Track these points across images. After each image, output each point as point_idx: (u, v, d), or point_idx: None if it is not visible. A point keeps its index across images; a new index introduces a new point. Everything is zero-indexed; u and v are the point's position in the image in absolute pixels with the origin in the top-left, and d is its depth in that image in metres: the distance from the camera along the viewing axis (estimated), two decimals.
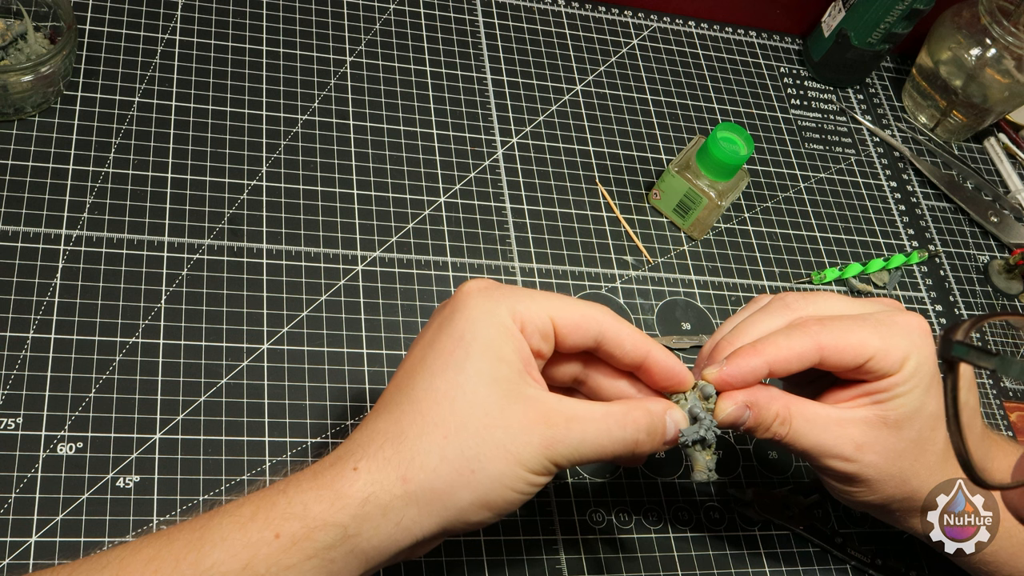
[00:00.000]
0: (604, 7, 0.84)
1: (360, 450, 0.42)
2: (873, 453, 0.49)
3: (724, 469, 0.62)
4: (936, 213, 0.83)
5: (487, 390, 0.42)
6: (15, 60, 0.62)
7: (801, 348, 0.47)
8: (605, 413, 0.44)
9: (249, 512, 0.40)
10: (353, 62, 0.73)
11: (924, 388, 0.49)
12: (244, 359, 0.58)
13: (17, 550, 0.49)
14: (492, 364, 0.42)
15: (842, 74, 0.87)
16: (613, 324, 0.46)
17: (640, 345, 0.47)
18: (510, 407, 0.42)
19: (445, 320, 0.44)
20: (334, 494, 0.40)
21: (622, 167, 0.75)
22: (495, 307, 0.44)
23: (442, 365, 0.43)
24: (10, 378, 0.53)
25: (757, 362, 0.47)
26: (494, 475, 0.42)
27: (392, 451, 0.41)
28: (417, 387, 0.43)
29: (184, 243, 0.61)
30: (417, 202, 0.68)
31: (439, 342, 0.43)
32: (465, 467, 0.41)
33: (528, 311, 0.44)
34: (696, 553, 0.58)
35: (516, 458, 0.42)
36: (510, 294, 0.44)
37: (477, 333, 0.43)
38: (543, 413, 0.43)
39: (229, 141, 0.66)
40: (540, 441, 0.42)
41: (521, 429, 0.42)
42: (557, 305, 0.45)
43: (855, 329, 0.48)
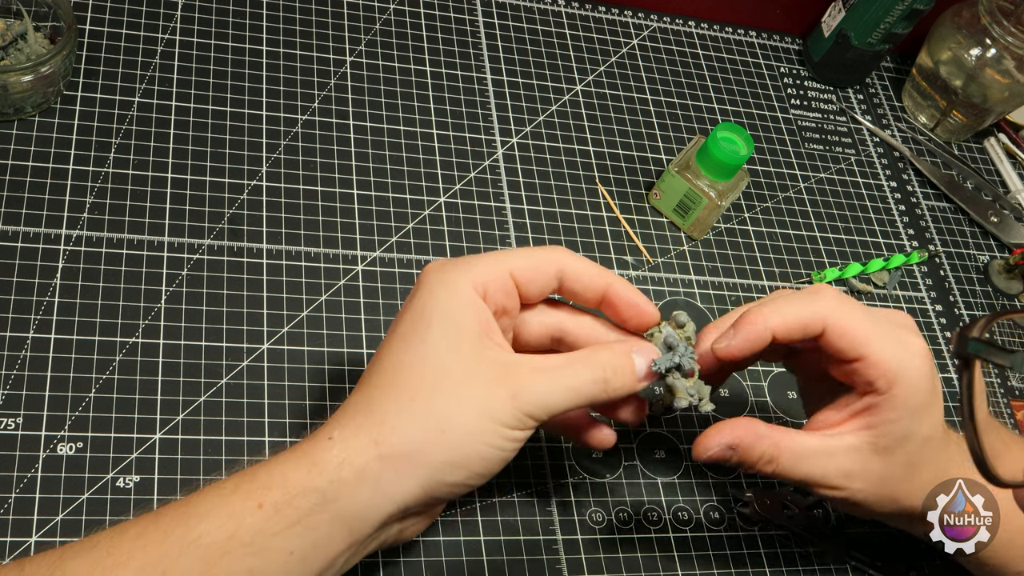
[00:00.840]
0: (604, 7, 0.84)
1: (334, 422, 0.43)
2: (862, 481, 0.49)
3: (724, 469, 0.62)
4: (936, 213, 0.83)
5: (451, 355, 0.43)
6: (15, 60, 0.62)
7: (807, 315, 0.47)
8: (569, 359, 0.45)
9: (231, 486, 0.41)
10: (353, 62, 0.73)
11: (914, 413, 0.48)
12: (244, 359, 0.58)
13: (17, 550, 0.49)
14: (453, 331, 0.44)
15: (842, 74, 0.87)
16: (570, 260, 0.47)
17: (599, 277, 0.48)
18: (474, 367, 0.43)
19: (408, 302, 0.46)
20: (311, 461, 0.42)
21: (622, 167, 0.75)
22: (453, 279, 0.45)
23: (407, 340, 0.44)
24: (10, 378, 0.53)
25: (759, 329, 0.47)
26: (464, 431, 0.42)
27: (363, 418, 0.43)
28: (385, 362, 0.44)
29: (184, 243, 0.61)
30: (417, 202, 0.68)
31: (403, 321, 0.45)
32: (435, 426, 0.42)
33: (486, 274, 0.45)
34: (696, 553, 0.58)
35: (485, 412, 0.43)
36: (467, 263, 0.46)
37: (437, 305, 0.44)
38: (506, 369, 0.44)
39: (229, 141, 0.66)
40: (507, 394, 0.43)
41: (486, 385, 0.43)
42: (513, 258, 0.46)
43: (865, 322, 0.47)
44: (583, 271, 0.47)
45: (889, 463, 0.49)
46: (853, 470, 0.49)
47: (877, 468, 0.49)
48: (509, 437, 0.43)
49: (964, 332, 0.32)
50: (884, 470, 0.49)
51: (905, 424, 0.48)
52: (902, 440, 0.48)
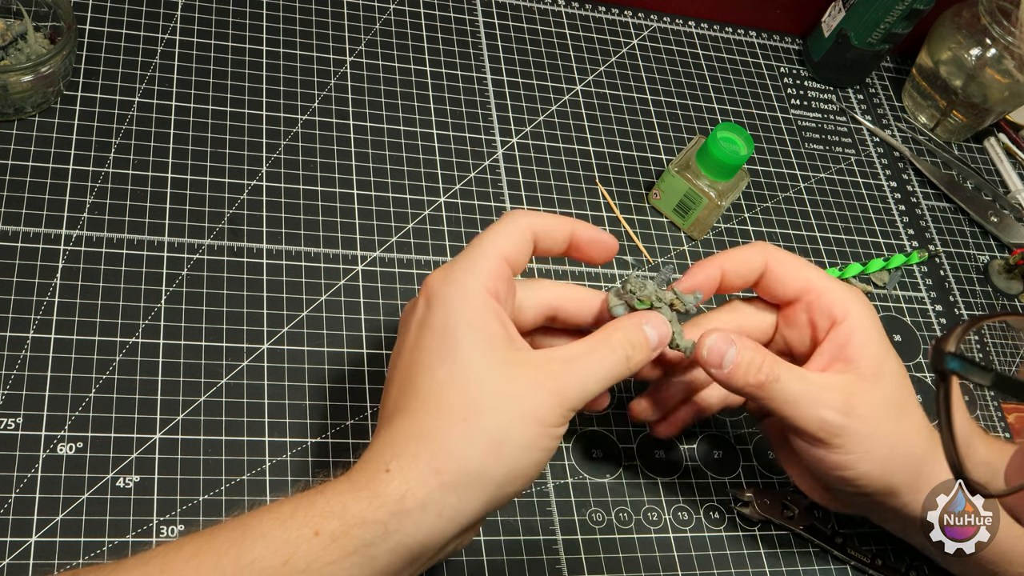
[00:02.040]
0: (604, 7, 0.84)
1: (388, 451, 0.43)
2: (860, 407, 0.49)
3: (724, 469, 0.62)
4: (936, 213, 0.83)
5: (486, 366, 0.43)
6: (15, 60, 0.62)
7: (750, 255, 0.52)
8: (592, 344, 0.47)
9: (288, 510, 0.41)
10: (353, 62, 0.73)
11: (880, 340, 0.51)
12: (244, 359, 0.58)
13: (17, 550, 0.49)
14: (482, 341, 0.44)
15: (842, 74, 0.87)
16: (537, 220, 0.49)
17: (565, 227, 0.50)
18: (512, 373, 0.44)
19: (423, 319, 0.46)
20: (371, 494, 0.41)
21: (622, 167, 0.75)
22: (463, 287, 0.45)
23: (438, 359, 0.44)
24: (10, 378, 0.53)
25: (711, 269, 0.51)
26: (520, 442, 0.43)
27: (418, 447, 0.42)
28: (421, 385, 0.44)
29: (184, 243, 0.61)
30: (417, 202, 0.68)
31: (425, 340, 0.45)
32: (492, 444, 0.42)
33: (490, 271, 0.46)
34: (696, 553, 0.58)
35: (536, 418, 0.43)
36: (468, 265, 0.46)
37: (458, 319, 0.44)
38: (542, 366, 0.44)
39: (229, 141, 0.66)
40: (550, 393, 0.44)
41: (530, 390, 0.43)
42: (499, 243, 0.47)
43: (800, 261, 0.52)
44: (551, 226, 0.49)
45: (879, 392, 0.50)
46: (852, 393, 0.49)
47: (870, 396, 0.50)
48: (556, 435, 0.44)
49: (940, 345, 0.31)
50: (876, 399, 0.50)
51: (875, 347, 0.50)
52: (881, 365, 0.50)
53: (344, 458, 0.56)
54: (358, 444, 0.56)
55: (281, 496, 0.53)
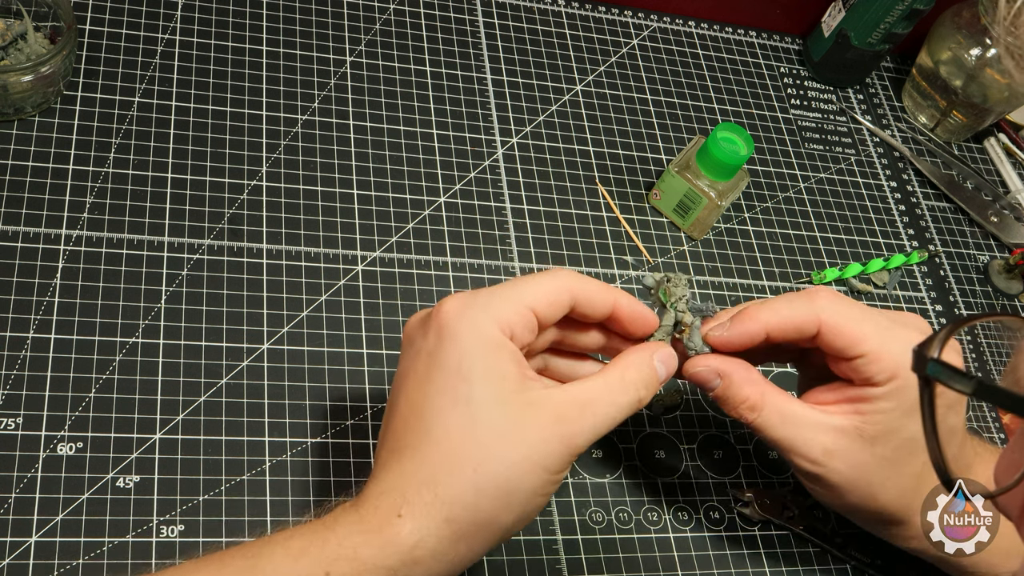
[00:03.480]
0: (604, 7, 0.84)
1: (399, 495, 0.42)
2: (841, 462, 0.49)
3: (724, 469, 0.62)
4: (936, 213, 0.83)
5: (499, 412, 0.43)
6: (15, 60, 0.62)
7: (801, 316, 0.48)
8: (606, 385, 0.46)
9: (299, 548, 0.41)
10: (353, 62, 0.73)
11: (906, 410, 0.48)
12: (244, 359, 0.58)
13: (17, 550, 0.49)
14: (495, 385, 0.43)
15: (842, 74, 0.87)
16: (579, 284, 0.47)
17: (607, 297, 0.48)
18: (524, 419, 0.43)
19: (435, 352, 0.44)
20: (383, 540, 0.41)
21: (622, 167, 0.75)
22: (479, 324, 0.44)
23: (450, 402, 0.43)
24: (10, 378, 0.53)
25: (754, 326, 0.49)
26: (528, 490, 0.43)
27: (430, 495, 0.42)
28: (432, 427, 0.43)
29: (184, 243, 0.61)
30: (417, 202, 0.68)
31: (437, 377, 0.44)
32: (501, 493, 0.42)
33: (510, 314, 0.45)
34: (696, 553, 0.58)
35: (544, 467, 0.43)
36: (487, 303, 0.45)
37: (474, 360, 0.43)
38: (555, 411, 0.44)
39: (229, 141, 0.66)
40: (560, 441, 0.43)
41: (541, 438, 0.43)
42: (529, 292, 0.46)
43: (860, 320, 0.48)
44: (593, 294, 0.47)
45: (871, 452, 0.49)
46: (835, 449, 0.49)
47: (859, 454, 0.49)
48: (560, 480, 0.45)
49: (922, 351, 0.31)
50: (865, 457, 0.49)
51: (896, 418, 0.48)
52: (889, 433, 0.49)
53: (344, 458, 0.56)
54: (358, 444, 0.56)
55: (282, 498, 0.53)
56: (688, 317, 0.50)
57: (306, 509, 0.53)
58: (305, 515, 0.52)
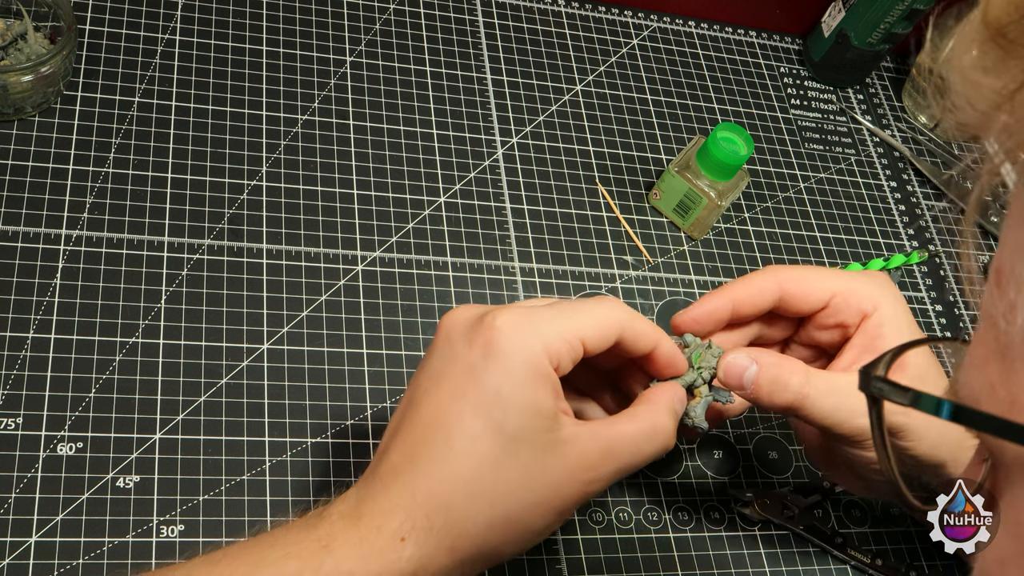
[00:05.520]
0: (604, 7, 0.84)
1: (405, 517, 0.41)
2: None
3: (724, 469, 0.62)
4: (936, 213, 0.83)
5: (527, 449, 0.42)
6: (15, 60, 0.62)
7: (761, 284, 0.50)
8: (635, 431, 0.45)
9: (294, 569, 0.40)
10: (353, 62, 0.73)
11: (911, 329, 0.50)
12: (244, 359, 0.58)
13: (17, 550, 0.49)
14: (531, 420, 0.42)
15: (842, 74, 0.87)
16: (629, 321, 0.46)
17: (652, 338, 0.47)
18: (550, 460, 0.42)
19: (478, 367, 0.42)
20: (381, 565, 0.40)
21: (622, 167, 0.75)
22: (530, 350, 0.42)
23: (482, 426, 0.41)
24: (10, 378, 0.53)
25: (720, 301, 0.50)
26: (537, 530, 0.43)
27: (440, 521, 0.41)
28: (456, 448, 0.41)
29: (184, 243, 0.61)
30: (417, 202, 0.68)
31: (475, 396, 0.42)
32: (511, 531, 0.42)
33: (561, 343, 0.43)
34: (696, 553, 0.58)
35: (558, 511, 0.43)
36: (540, 327, 0.43)
37: (515, 387, 0.42)
38: (580, 456, 0.43)
39: (229, 141, 0.66)
40: (580, 487, 0.43)
41: (562, 481, 0.42)
42: (584, 324, 0.44)
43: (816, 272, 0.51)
44: (640, 333, 0.46)
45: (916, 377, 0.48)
46: None
47: None
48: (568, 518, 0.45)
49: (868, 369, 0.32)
50: None
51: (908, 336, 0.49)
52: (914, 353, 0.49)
53: (344, 458, 0.56)
54: (358, 444, 0.56)
55: (282, 498, 0.53)
56: (705, 389, 0.49)
57: (306, 509, 0.53)
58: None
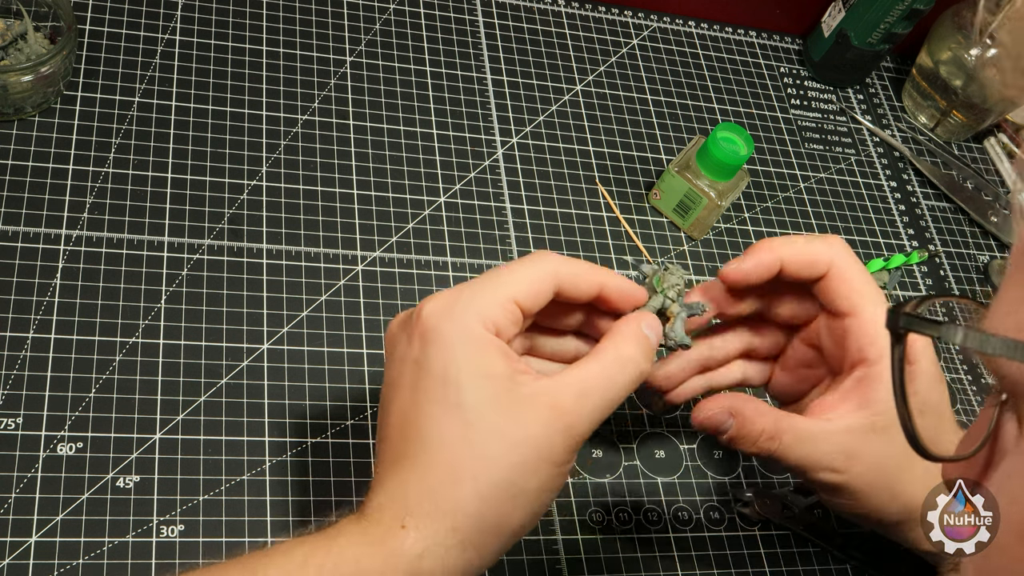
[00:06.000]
0: (604, 7, 0.84)
1: (400, 506, 0.41)
2: (861, 464, 0.48)
3: (725, 469, 0.62)
4: (936, 213, 0.83)
5: (493, 413, 0.42)
6: (15, 60, 0.62)
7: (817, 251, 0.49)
8: (602, 366, 0.44)
9: (300, 558, 0.40)
10: (353, 62, 0.73)
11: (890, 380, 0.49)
12: (244, 359, 0.58)
13: (17, 550, 0.49)
14: (486, 386, 0.42)
15: (842, 74, 0.87)
16: (564, 267, 0.46)
17: (593, 280, 0.47)
18: (520, 416, 0.42)
19: (420, 359, 0.43)
20: (387, 551, 0.40)
21: (622, 167, 0.75)
22: (463, 325, 0.43)
23: (441, 408, 0.42)
24: (10, 378, 0.53)
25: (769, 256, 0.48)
26: (533, 488, 0.42)
27: (431, 505, 0.41)
28: (426, 436, 0.42)
29: (184, 243, 0.61)
30: (417, 202, 0.68)
31: (426, 385, 0.42)
32: (505, 496, 0.41)
33: (494, 309, 0.43)
34: (696, 553, 0.58)
35: (548, 461, 0.42)
36: (469, 301, 0.43)
37: (460, 362, 0.42)
38: (552, 403, 0.42)
39: (229, 141, 0.66)
40: (561, 433, 0.42)
41: (541, 432, 0.42)
42: (514, 284, 0.44)
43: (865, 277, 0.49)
44: (578, 277, 0.46)
45: (887, 444, 0.48)
46: (854, 452, 0.48)
47: (877, 449, 0.48)
48: (567, 471, 0.43)
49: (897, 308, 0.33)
50: (882, 451, 0.48)
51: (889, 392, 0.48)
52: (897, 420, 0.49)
53: (344, 458, 0.56)
54: (358, 444, 0.56)
55: (281, 498, 0.53)
56: (676, 307, 0.49)
57: (306, 509, 0.53)
58: (307, 525, 0.52)
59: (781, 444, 0.48)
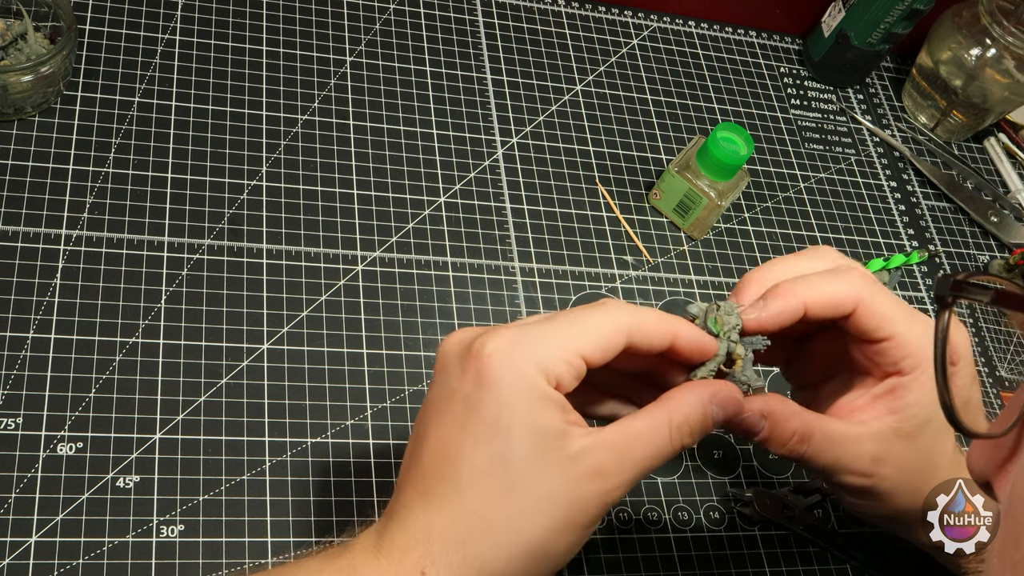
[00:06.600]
0: (604, 7, 0.84)
1: (424, 552, 0.40)
2: (888, 467, 0.48)
3: (724, 469, 0.62)
4: (936, 213, 0.83)
5: (536, 474, 0.40)
6: (15, 60, 0.62)
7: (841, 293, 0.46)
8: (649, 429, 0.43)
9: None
10: (353, 62, 0.73)
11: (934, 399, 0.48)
12: (244, 359, 0.58)
13: (17, 550, 0.49)
14: (535, 444, 0.40)
15: (842, 74, 0.87)
16: (635, 321, 0.43)
17: (666, 332, 0.44)
18: (562, 479, 0.41)
19: (473, 398, 0.41)
20: None
21: (622, 167, 0.75)
22: (523, 375, 0.41)
23: (486, 458, 0.40)
24: (10, 378, 0.53)
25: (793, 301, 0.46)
26: (562, 552, 0.41)
27: (458, 557, 0.40)
28: (463, 480, 0.41)
29: (184, 243, 0.61)
30: (417, 202, 0.68)
31: (474, 426, 0.41)
32: (534, 559, 0.41)
33: (558, 362, 0.41)
34: (696, 553, 0.58)
35: (579, 527, 0.41)
36: (534, 348, 0.41)
37: (513, 414, 0.40)
38: (594, 467, 0.41)
39: (229, 141, 0.66)
40: (597, 498, 0.41)
41: (578, 497, 0.41)
42: (584, 336, 0.42)
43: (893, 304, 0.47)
44: (651, 331, 0.44)
45: (913, 448, 0.48)
46: (880, 455, 0.48)
47: (903, 454, 0.48)
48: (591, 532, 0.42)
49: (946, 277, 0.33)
50: (908, 455, 0.48)
51: (927, 407, 0.48)
52: (924, 425, 0.48)
53: (344, 458, 0.56)
54: (358, 444, 0.56)
55: (282, 498, 0.53)
56: (740, 348, 0.46)
57: (306, 509, 0.53)
58: (307, 525, 0.52)
59: (811, 447, 0.47)
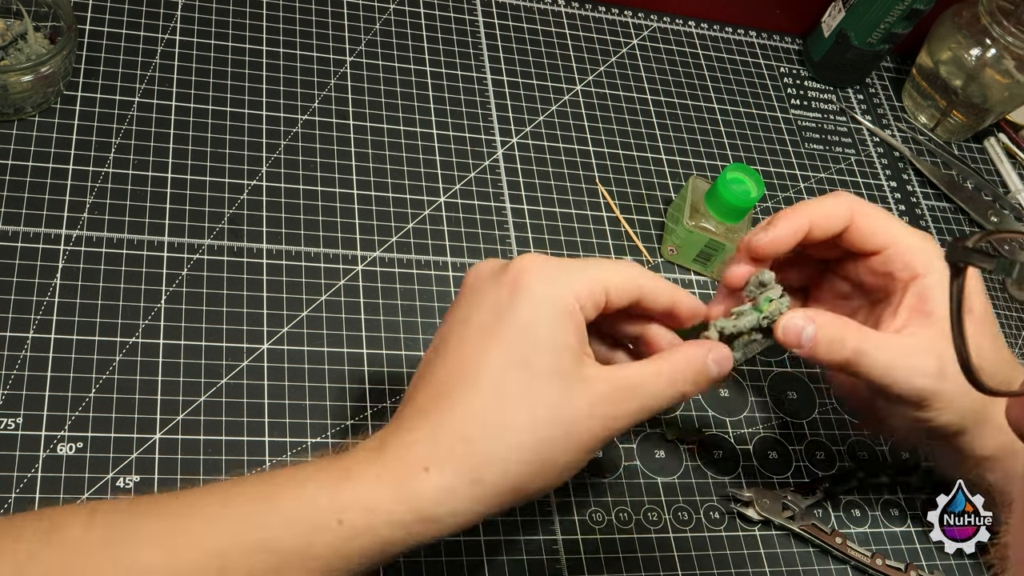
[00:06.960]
0: (604, 7, 0.84)
1: (429, 447, 0.42)
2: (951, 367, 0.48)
3: (724, 469, 0.62)
4: (936, 213, 0.83)
5: (554, 384, 0.43)
6: (15, 60, 0.62)
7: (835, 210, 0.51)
8: (656, 374, 0.46)
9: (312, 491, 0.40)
10: (353, 62, 0.73)
11: None
12: (244, 359, 0.58)
13: None
14: (558, 355, 0.43)
15: (842, 74, 0.87)
16: (649, 281, 0.47)
17: (670, 296, 0.48)
18: (575, 394, 0.43)
19: (506, 305, 0.44)
20: (403, 494, 0.41)
21: (622, 167, 0.75)
22: (558, 291, 0.44)
23: (509, 361, 0.43)
24: (10, 378, 0.53)
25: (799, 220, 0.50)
26: (561, 466, 0.43)
27: (465, 451, 0.41)
28: (483, 383, 0.43)
29: (184, 243, 0.61)
30: (417, 202, 0.68)
31: (502, 332, 0.43)
32: (537, 464, 0.42)
33: (587, 287, 0.45)
34: (696, 553, 0.58)
35: (582, 446, 0.43)
36: (568, 272, 0.45)
37: (543, 323, 0.43)
38: (604, 391, 0.44)
39: (229, 141, 0.66)
40: (603, 421, 0.43)
41: (587, 415, 0.43)
42: (608, 274, 0.46)
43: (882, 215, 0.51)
44: (660, 292, 0.48)
45: None
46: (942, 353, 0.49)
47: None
48: (591, 458, 0.45)
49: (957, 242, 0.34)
50: None
51: None
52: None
53: None
54: None
55: None
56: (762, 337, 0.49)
57: None
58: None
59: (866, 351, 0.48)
